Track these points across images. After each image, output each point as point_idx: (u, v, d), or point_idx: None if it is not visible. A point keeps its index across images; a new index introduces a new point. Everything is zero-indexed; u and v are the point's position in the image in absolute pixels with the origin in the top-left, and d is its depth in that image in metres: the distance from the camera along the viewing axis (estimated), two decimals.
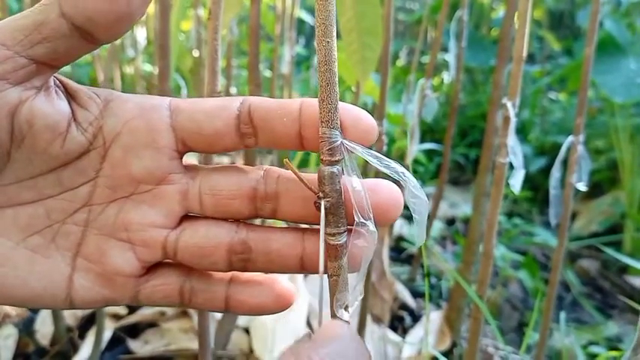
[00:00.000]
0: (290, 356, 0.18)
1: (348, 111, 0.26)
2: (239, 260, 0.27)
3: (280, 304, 0.28)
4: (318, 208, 0.25)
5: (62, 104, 0.26)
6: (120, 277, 0.27)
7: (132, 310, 0.86)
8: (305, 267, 0.27)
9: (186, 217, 0.28)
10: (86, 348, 0.76)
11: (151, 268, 0.28)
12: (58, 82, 0.26)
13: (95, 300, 0.27)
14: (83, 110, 0.26)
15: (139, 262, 0.27)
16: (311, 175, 0.27)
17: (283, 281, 0.29)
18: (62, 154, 0.26)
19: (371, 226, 0.25)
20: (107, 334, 0.78)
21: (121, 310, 0.85)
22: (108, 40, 0.25)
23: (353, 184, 0.25)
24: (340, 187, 0.25)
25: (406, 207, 0.26)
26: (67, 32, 0.23)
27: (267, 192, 0.27)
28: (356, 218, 0.25)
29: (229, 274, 0.29)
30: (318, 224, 0.25)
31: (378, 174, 0.76)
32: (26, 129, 0.25)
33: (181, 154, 0.28)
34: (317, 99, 0.25)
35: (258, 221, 0.29)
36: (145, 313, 0.84)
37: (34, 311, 0.82)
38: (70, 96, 0.26)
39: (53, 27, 0.23)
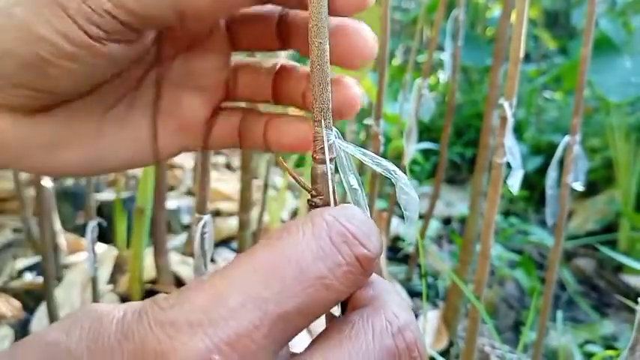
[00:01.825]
0: (307, 219, 0.20)
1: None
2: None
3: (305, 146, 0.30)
4: (312, 207, 0.25)
5: None
6: (195, 123, 0.30)
7: None
8: None
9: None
10: None
11: (214, 113, 0.31)
12: None
13: (175, 150, 0.31)
14: None
15: (209, 105, 0.30)
16: None
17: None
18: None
19: None
20: None
21: None
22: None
23: (350, 182, 0.25)
24: (334, 185, 0.25)
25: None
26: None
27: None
28: None
29: (267, 117, 0.31)
30: None
31: (376, 173, 0.76)
32: None
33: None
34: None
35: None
36: None
37: (30, 312, 0.82)
38: None
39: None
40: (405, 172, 0.26)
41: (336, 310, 0.26)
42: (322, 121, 0.25)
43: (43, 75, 0.24)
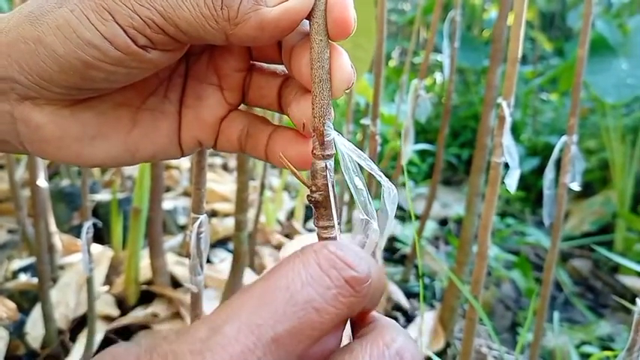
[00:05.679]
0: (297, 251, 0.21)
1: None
2: None
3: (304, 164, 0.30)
4: (311, 202, 0.25)
5: None
6: (211, 119, 0.31)
7: (124, 312, 0.85)
8: None
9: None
10: (77, 351, 0.76)
11: (228, 113, 0.32)
12: None
13: (194, 144, 0.31)
14: None
15: (227, 105, 0.31)
16: None
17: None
18: None
19: (374, 224, 0.25)
20: (99, 337, 0.77)
21: (113, 312, 0.84)
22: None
23: (355, 182, 0.25)
24: (332, 181, 0.25)
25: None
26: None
27: None
28: (360, 215, 0.25)
29: (272, 127, 0.31)
30: None
31: (372, 174, 0.76)
32: None
33: None
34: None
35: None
36: (137, 315, 0.83)
37: (25, 313, 0.82)
38: None
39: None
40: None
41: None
42: (323, 116, 0.25)
43: (85, 77, 0.25)
